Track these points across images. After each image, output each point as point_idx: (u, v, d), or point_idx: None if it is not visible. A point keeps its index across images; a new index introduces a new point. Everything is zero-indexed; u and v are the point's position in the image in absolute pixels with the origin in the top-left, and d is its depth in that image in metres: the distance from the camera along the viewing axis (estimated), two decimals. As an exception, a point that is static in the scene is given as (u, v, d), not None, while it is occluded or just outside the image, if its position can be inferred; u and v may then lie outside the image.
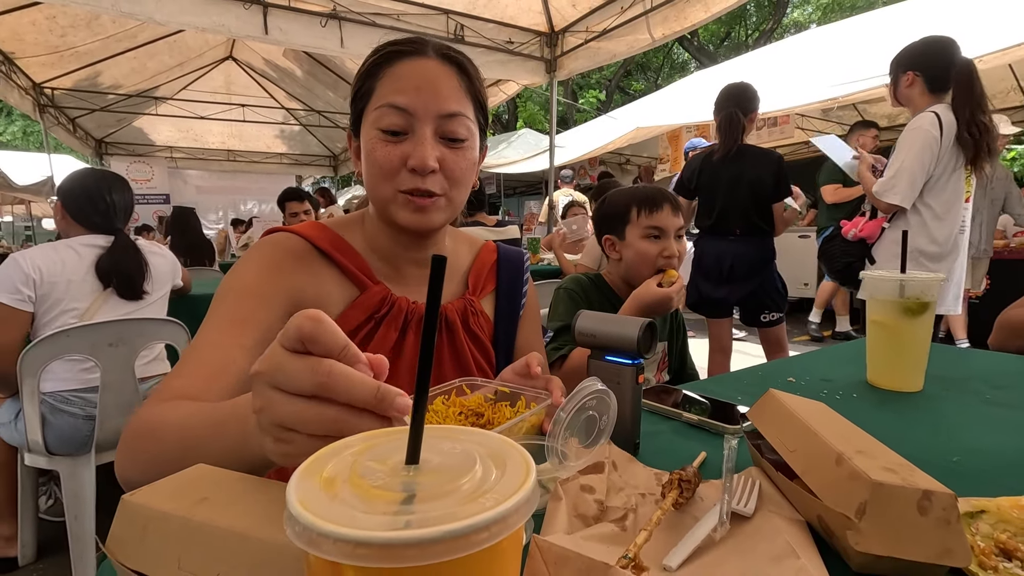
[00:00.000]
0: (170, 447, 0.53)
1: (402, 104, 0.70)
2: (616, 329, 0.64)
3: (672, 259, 1.29)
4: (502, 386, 0.71)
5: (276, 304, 0.72)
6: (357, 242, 0.82)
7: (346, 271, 0.79)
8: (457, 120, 0.73)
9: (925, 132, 1.99)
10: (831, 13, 16.96)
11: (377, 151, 0.72)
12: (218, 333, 0.68)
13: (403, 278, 0.83)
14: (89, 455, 1.75)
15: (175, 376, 0.64)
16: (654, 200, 1.31)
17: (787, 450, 0.50)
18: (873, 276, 0.90)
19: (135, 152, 9.01)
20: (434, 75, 0.73)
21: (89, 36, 5.15)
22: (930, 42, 2.10)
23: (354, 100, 0.78)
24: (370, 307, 0.79)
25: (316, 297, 0.77)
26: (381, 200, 0.74)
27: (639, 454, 0.66)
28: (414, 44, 0.75)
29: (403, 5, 3.98)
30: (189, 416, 0.54)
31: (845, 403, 0.85)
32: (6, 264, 1.66)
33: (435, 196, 0.73)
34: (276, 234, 0.80)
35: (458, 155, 0.74)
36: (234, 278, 0.74)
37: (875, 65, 4.02)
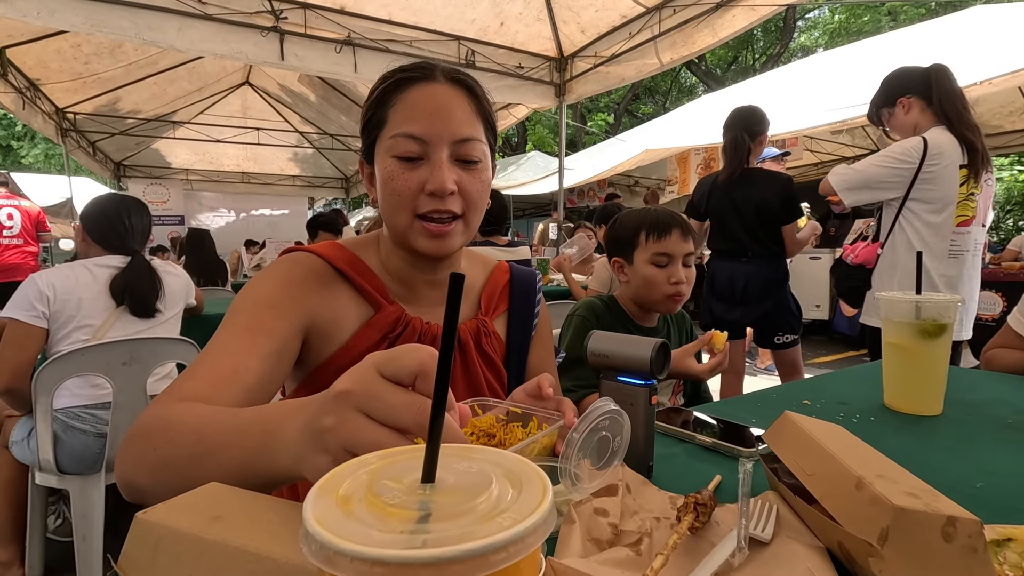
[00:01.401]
0: (183, 450, 0.52)
1: (417, 133, 0.71)
2: (629, 350, 0.63)
3: (680, 285, 1.28)
4: (514, 407, 0.70)
5: (293, 317, 0.73)
6: (373, 262, 0.83)
7: (362, 291, 0.80)
8: (471, 143, 0.74)
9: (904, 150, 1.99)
10: (838, 37, 17.14)
11: (395, 178, 0.72)
12: (233, 339, 0.68)
13: (417, 299, 0.84)
14: (99, 475, 1.75)
15: (187, 378, 0.63)
16: (663, 225, 1.30)
17: (805, 474, 0.49)
18: (888, 297, 0.89)
19: (152, 175, 9.22)
20: (446, 100, 0.74)
21: (112, 63, 5.32)
22: (902, 69, 2.13)
23: (366, 128, 0.79)
24: (384, 327, 0.79)
25: (332, 316, 0.77)
26: (400, 227, 0.75)
27: (653, 477, 0.65)
28: (423, 69, 0.76)
29: (416, 32, 4.08)
30: (205, 419, 0.53)
31: (863, 427, 0.83)
32: (24, 284, 1.70)
33: (454, 220, 0.74)
34: (295, 253, 0.81)
35: (473, 177, 0.75)
36: (252, 289, 0.75)
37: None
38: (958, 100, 2.03)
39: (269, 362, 0.68)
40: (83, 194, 8.08)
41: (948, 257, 2.02)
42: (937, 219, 2.01)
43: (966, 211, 2.03)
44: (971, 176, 1.99)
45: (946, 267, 2.01)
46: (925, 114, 2.06)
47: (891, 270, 2.09)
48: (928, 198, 2.00)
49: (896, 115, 2.13)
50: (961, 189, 2.00)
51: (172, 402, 0.59)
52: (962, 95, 2.04)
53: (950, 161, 1.97)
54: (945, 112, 2.01)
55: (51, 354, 1.71)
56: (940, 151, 1.96)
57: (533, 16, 4.18)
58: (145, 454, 0.54)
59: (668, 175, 7.76)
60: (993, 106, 5.88)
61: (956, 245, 2.02)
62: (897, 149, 2.02)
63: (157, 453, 0.53)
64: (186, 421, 0.54)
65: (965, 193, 2.00)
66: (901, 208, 2.05)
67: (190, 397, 0.59)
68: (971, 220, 2.03)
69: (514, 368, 0.92)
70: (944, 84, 2.03)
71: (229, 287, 4.29)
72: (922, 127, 2.05)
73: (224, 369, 0.64)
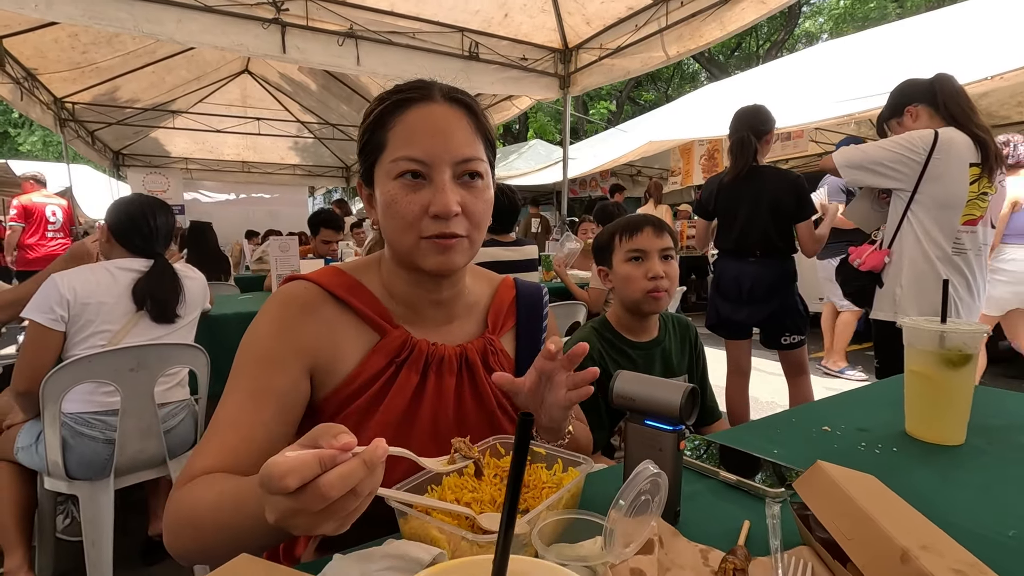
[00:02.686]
0: (208, 532, 0.59)
1: (419, 155, 0.70)
2: (657, 394, 0.62)
3: (658, 280, 1.31)
4: (537, 447, 0.70)
5: (292, 366, 0.74)
6: (375, 285, 0.82)
7: (364, 317, 0.79)
8: (473, 163, 0.73)
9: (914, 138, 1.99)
10: (843, 23, 16.92)
11: (398, 202, 0.71)
12: (237, 410, 0.70)
13: (422, 320, 0.83)
14: (108, 480, 1.75)
15: (200, 456, 0.67)
16: (634, 224, 1.38)
17: (844, 537, 0.48)
18: (913, 325, 0.88)
19: (151, 164, 9.14)
20: (446, 121, 0.73)
21: (110, 52, 5.24)
22: (906, 80, 2.15)
23: (364, 151, 0.78)
24: (391, 352, 0.78)
25: (334, 350, 0.77)
26: (404, 248, 0.74)
27: (680, 520, 0.64)
28: (421, 89, 0.75)
29: (419, 23, 4.02)
30: (218, 497, 0.59)
31: (885, 458, 0.82)
32: (45, 285, 1.68)
33: (458, 237, 0.73)
34: (289, 286, 0.80)
35: (476, 196, 0.74)
36: (251, 344, 0.75)
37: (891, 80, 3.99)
38: (964, 103, 2.02)
39: (276, 422, 0.71)
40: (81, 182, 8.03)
41: (952, 255, 2.01)
42: (942, 216, 2.00)
43: (975, 210, 2.01)
44: (984, 174, 1.97)
45: (948, 266, 2.01)
46: (934, 120, 2.06)
47: (899, 265, 2.09)
48: (934, 194, 1.99)
49: (905, 124, 2.13)
50: (972, 188, 1.98)
51: (187, 487, 0.64)
52: (968, 99, 2.04)
53: (959, 157, 1.95)
54: (952, 115, 2.01)
55: (67, 357, 1.70)
56: (950, 146, 1.95)
57: (538, 7, 4.12)
58: (181, 540, 0.62)
59: (671, 166, 7.71)
60: (1003, 96, 5.81)
61: (960, 243, 2.01)
62: (906, 136, 2.02)
63: (193, 544, 0.61)
64: (203, 505, 0.60)
65: (977, 192, 1.99)
66: (909, 203, 2.04)
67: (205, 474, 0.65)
68: (978, 219, 2.02)
69: None
70: (949, 89, 2.04)
71: (232, 281, 4.26)
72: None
73: (233, 445, 0.68)
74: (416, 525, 0.55)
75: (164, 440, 1.83)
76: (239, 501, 0.55)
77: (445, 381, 0.81)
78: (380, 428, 0.76)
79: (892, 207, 2.12)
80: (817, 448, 0.87)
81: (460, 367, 0.82)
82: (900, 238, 2.08)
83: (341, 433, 0.45)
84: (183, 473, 0.66)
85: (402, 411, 0.78)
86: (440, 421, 0.80)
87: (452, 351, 0.82)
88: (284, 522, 0.45)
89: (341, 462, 0.44)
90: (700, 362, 1.52)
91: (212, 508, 0.58)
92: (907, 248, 2.06)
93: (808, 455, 0.83)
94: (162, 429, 1.82)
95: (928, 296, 2.01)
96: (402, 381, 0.78)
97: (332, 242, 3.84)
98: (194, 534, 0.60)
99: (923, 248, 2.02)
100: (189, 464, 0.67)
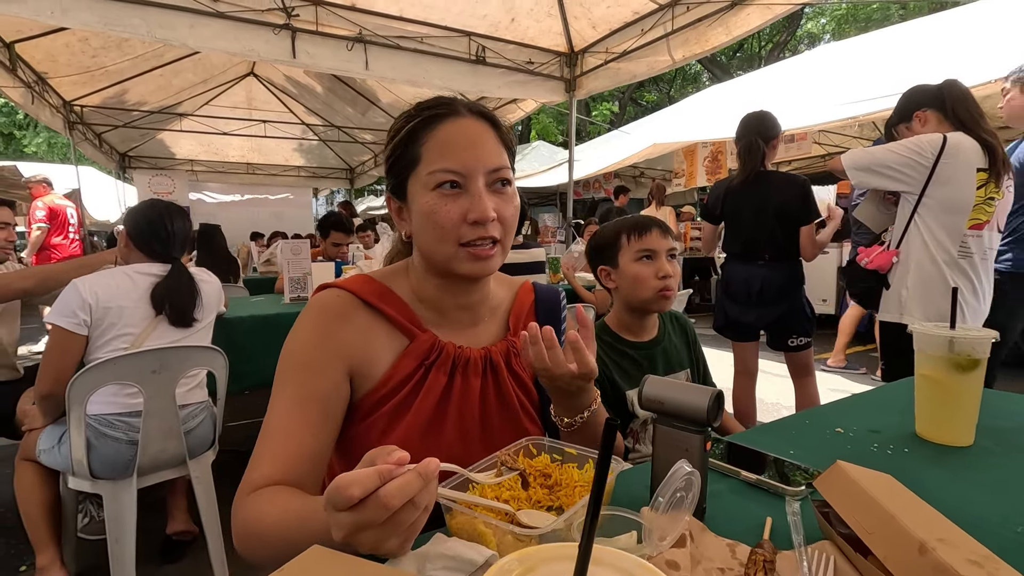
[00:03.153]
0: (274, 545, 0.63)
1: (455, 167, 0.75)
2: (685, 397, 0.66)
3: (668, 278, 1.33)
4: (568, 447, 0.73)
5: (332, 371, 0.78)
6: (404, 292, 0.86)
7: (394, 321, 0.83)
8: (503, 171, 0.78)
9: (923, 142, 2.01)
10: (845, 24, 16.94)
11: (438, 212, 0.75)
12: (286, 417, 0.75)
13: (449, 323, 0.87)
14: (131, 479, 1.79)
15: (257, 465, 0.72)
16: (642, 224, 1.38)
17: (864, 531, 0.52)
18: (922, 331, 0.91)
19: (157, 165, 9.21)
20: (476, 134, 0.78)
21: (120, 56, 5.30)
22: (915, 86, 2.17)
23: (396, 165, 0.81)
24: (420, 355, 0.82)
25: (368, 353, 0.81)
26: (443, 256, 0.78)
27: (705, 516, 0.68)
28: (447, 105, 0.80)
29: (426, 28, 4.06)
30: (283, 514, 0.63)
31: (897, 459, 0.86)
32: (67, 290, 1.72)
33: (494, 244, 0.78)
34: (324, 294, 0.84)
35: (507, 202, 0.79)
36: (292, 352, 0.80)
37: (895, 82, 4.03)
38: (972, 108, 2.05)
39: (322, 425, 0.76)
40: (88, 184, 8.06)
41: (958, 259, 2.03)
42: (949, 220, 2.03)
43: (981, 215, 2.04)
44: (991, 179, 2.00)
45: (953, 270, 2.03)
46: (943, 125, 2.08)
47: (905, 267, 2.12)
48: (942, 197, 2.01)
49: (913, 129, 2.16)
50: (979, 193, 2.00)
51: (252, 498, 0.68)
52: (976, 104, 2.06)
53: (967, 162, 1.98)
54: (961, 120, 2.03)
55: (89, 360, 1.74)
56: (958, 150, 1.97)
57: (544, 12, 4.16)
58: (252, 551, 0.66)
59: (675, 167, 7.73)
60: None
61: (966, 247, 2.04)
62: (914, 140, 2.04)
63: (261, 553, 0.65)
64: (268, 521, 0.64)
65: (983, 197, 2.01)
66: (916, 206, 2.07)
67: (263, 486, 0.69)
68: (984, 224, 2.05)
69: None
70: (957, 94, 2.06)
71: (241, 283, 4.30)
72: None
73: (286, 454, 0.72)
74: (463, 520, 0.59)
75: (184, 440, 1.87)
76: (303, 519, 0.60)
77: (471, 382, 0.85)
78: (411, 428, 0.80)
79: (900, 210, 2.15)
80: (831, 449, 0.90)
81: (485, 369, 0.86)
82: (907, 241, 2.11)
83: (394, 451, 0.51)
84: (245, 482, 0.71)
85: (431, 411, 0.82)
86: (466, 420, 0.84)
87: (477, 353, 0.86)
88: (351, 539, 0.49)
89: (398, 475, 0.48)
90: (701, 358, 1.56)
91: (277, 524, 0.63)
92: (914, 251, 2.08)
93: (823, 456, 0.87)
94: (182, 430, 1.86)
95: (933, 299, 2.04)
96: (431, 383, 0.82)
97: (343, 245, 3.88)
98: (260, 545, 0.65)
99: (930, 252, 2.05)
100: (248, 474, 0.71)
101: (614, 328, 1.44)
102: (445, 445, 0.83)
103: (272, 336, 2.52)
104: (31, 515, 1.85)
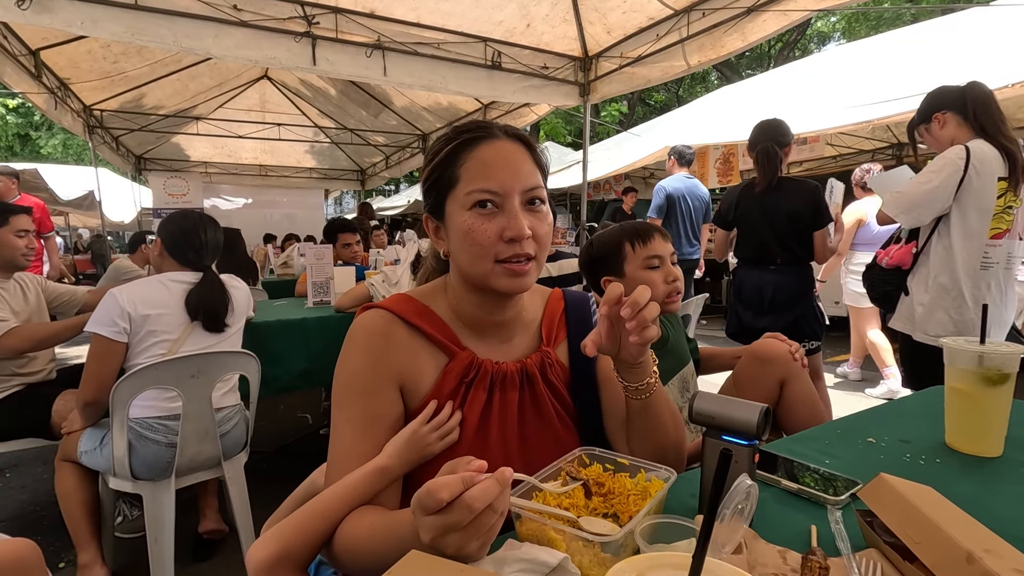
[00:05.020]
0: (364, 557, 0.70)
1: (493, 187, 0.79)
2: (735, 413, 0.70)
3: (677, 282, 1.37)
4: (621, 458, 0.78)
5: (388, 390, 0.84)
6: (442, 310, 0.90)
7: (434, 340, 0.87)
8: (537, 190, 0.82)
9: (947, 160, 2.01)
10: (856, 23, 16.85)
11: (475, 230, 0.79)
12: (353, 440, 0.81)
13: (485, 340, 0.91)
14: (169, 480, 1.85)
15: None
16: (644, 232, 1.41)
17: (912, 541, 0.56)
18: (953, 346, 0.95)
19: (172, 167, 9.31)
20: (512, 155, 0.82)
21: (139, 62, 5.39)
22: (938, 87, 2.15)
23: (434, 186, 0.85)
24: (459, 372, 0.87)
25: (414, 371, 0.86)
26: (480, 273, 0.81)
27: (751, 525, 0.72)
28: (484, 129, 0.84)
29: (443, 34, 4.11)
30: (370, 530, 0.71)
31: (929, 469, 0.90)
32: (104, 299, 1.79)
33: (531, 260, 0.81)
34: (366, 316, 0.87)
35: (541, 220, 0.83)
36: (347, 377, 0.84)
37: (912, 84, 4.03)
38: (995, 113, 2.05)
39: (384, 439, 0.82)
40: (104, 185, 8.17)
41: (979, 269, 2.04)
42: (972, 229, 2.03)
43: (1001, 223, 2.05)
44: (1010, 188, 2.00)
45: (975, 280, 2.04)
46: (962, 128, 2.08)
47: (925, 279, 2.13)
48: (965, 206, 2.02)
49: (932, 130, 2.15)
50: (999, 201, 2.01)
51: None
52: (999, 109, 2.06)
53: (990, 171, 1.98)
54: (982, 124, 2.03)
55: (129, 367, 1.80)
56: (982, 159, 1.97)
57: (560, 17, 4.19)
58: (345, 565, 0.73)
59: (686, 170, 7.73)
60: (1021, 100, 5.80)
61: (988, 257, 2.04)
62: (939, 162, 2.03)
63: (352, 565, 0.72)
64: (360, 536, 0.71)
65: (1003, 206, 2.02)
66: (940, 218, 2.08)
67: None
68: (1005, 233, 2.06)
69: (581, 391, 0.96)
70: (980, 97, 2.05)
71: (259, 286, 4.37)
72: (959, 140, 2.07)
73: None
74: (533, 527, 0.64)
75: (220, 443, 1.93)
76: (389, 529, 0.67)
77: (508, 396, 0.89)
78: (456, 444, 0.85)
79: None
80: (865, 459, 0.94)
81: (521, 382, 0.90)
82: (928, 251, 2.12)
83: (472, 460, 0.58)
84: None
85: (475, 427, 0.86)
86: (507, 433, 0.88)
87: (513, 367, 0.90)
88: (438, 542, 0.54)
89: (479, 482, 0.54)
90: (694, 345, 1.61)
91: (366, 537, 0.70)
92: (934, 262, 2.10)
93: (857, 465, 0.90)
94: (218, 432, 1.92)
95: (948, 312, 2.05)
96: (472, 399, 0.87)
97: (351, 244, 3.94)
98: (350, 559, 0.72)
99: (951, 263, 2.05)
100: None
101: None
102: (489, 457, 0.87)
103: (298, 340, 2.58)
104: (73, 514, 1.91)
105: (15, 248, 2.18)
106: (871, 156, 7.69)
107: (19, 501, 2.67)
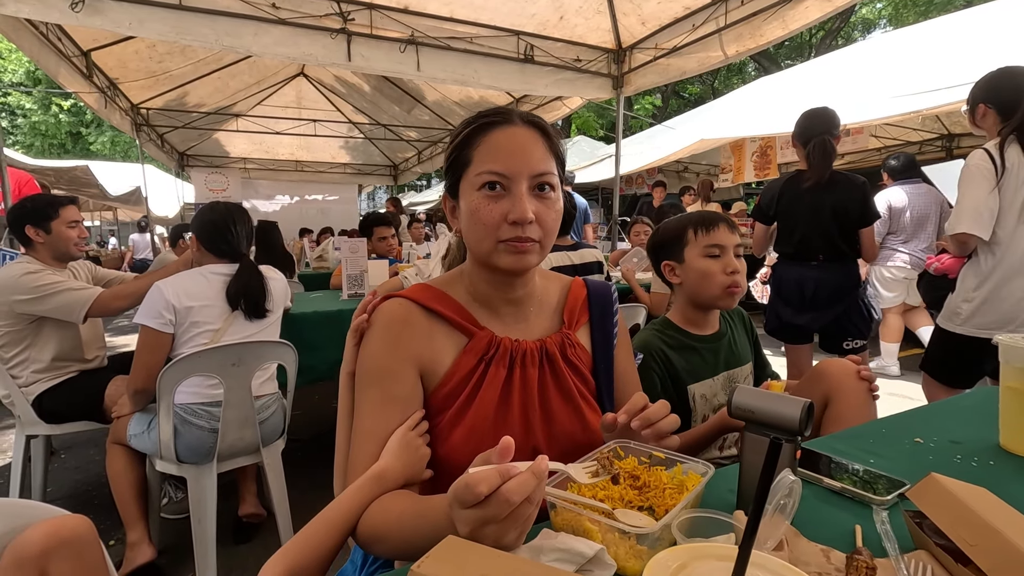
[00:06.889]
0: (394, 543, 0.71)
1: (500, 170, 0.80)
2: (777, 407, 0.68)
3: (736, 275, 1.32)
4: (656, 451, 0.77)
5: (407, 374, 0.86)
6: (460, 295, 0.92)
7: (452, 322, 0.89)
8: (546, 176, 0.83)
9: (974, 167, 1.98)
10: (903, 9, 16.13)
11: (481, 210, 0.81)
12: (373, 422, 0.83)
13: (502, 319, 0.92)
14: (211, 464, 1.92)
15: (355, 470, 0.81)
16: (710, 219, 1.37)
17: (967, 544, 0.54)
18: (1009, 343, 0.91)
19: (212, 164, 9.62)
20: (524, 140, 0.83)
21: (183, 61, 5.57)
22: (1001, 72, 2.05)
23: (452, 167, 0.87)
24: (479, 351, 0.88)
25: (433, 354, 0.87)
26: (484, 251, 0.83)
27: (792, 523, 0.71)
28: (503, 114, 0.85)
29: (476, 28, 4.11)
30: (400, 517, 0.72)
31: (982, 471, 0.86)
32: (151, 293, 1.86)
33: (532, 242, 0.82)
34: (386, 305, 0.90)
35: (548, 206, 0.83)
36: (368, 362, 0.87)
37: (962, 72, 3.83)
38: None
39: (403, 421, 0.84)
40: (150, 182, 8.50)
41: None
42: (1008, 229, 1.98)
43: None
44: None
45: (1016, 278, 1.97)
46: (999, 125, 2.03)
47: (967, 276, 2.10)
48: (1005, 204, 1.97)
49: (976, 120, 2.13)
50: None
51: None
52: None
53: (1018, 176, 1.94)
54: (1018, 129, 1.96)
55: (175, 355, 1.88)
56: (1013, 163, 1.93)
57: (593, 9, 4.15)
58: (376, 550, 0.75)
59: (721, 163, 7.58)
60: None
61: None
62: (967, 169, 2.01)
63: (382, 549, 0.74)
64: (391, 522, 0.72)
65: None
66: None
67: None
68: None
69: (603, 376, 0.98)
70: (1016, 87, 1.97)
71: (296, 278, 4.48)
72: (991, 135, 2.05)
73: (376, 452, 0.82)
74: (568, 517, 0.64)
75: (259, 429, 1.99)
76: (420, 515, 0.68)
77: (528, 373, 0.90)
78: (479, 419, 0.86)
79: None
80: (912, 459, 0.91)
81: (541, 360, 0.91)
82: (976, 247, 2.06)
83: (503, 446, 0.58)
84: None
85: (495, 404, 0.87)
86: (529, 410, 0.89)
87: (533, 345, 0.91)
88: (475, 533, 0.55)
89: (515, 474, 0.54)
90: (760, 349, 1.56)
91: (396, 525, 0.71)
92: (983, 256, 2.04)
93: (904, 466, 0.87)
94: (257, 419, 1.99)
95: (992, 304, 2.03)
96: (491, 376, 0.88)
97: (387, 238, 4.01)
98: (381, 546, 0.73)
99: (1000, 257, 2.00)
100: (351, 479, 0.81)
101: (679, 323, 1.42)
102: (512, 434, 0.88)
103: (335, 331, 2.63)
104: (122, 494, 2.00)
105: (68, 239, 2.28)
106: (919, 148, 7.38)
107: (74, 480, 2.82)
